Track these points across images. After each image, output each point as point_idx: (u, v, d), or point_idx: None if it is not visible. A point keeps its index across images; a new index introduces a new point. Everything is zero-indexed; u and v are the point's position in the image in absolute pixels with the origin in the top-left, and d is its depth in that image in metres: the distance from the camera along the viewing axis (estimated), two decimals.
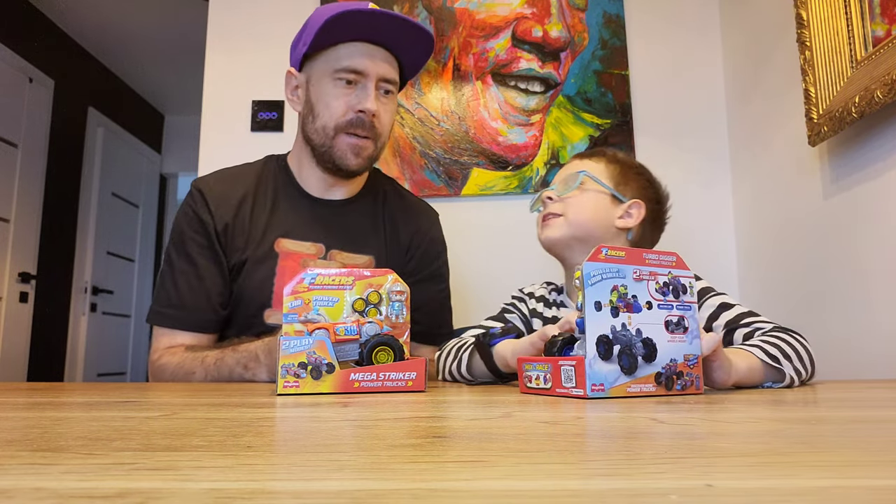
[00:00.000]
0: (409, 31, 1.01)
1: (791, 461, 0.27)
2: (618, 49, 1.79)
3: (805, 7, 1.28)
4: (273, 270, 1.01)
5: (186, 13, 3.09)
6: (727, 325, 0.80)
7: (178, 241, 1.03)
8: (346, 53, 1.00)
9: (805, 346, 0.73)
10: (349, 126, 1.00)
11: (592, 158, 1.00)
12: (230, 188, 1.06)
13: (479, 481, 0.23)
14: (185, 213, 1.05)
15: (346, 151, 1.02)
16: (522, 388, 0.65)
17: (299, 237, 1.04)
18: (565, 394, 0.57)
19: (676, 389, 0.58)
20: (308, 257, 1.03)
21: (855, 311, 1.20)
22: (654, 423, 0.39)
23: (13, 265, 2.89)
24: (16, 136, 2.92)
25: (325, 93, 1.01)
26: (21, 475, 0.24)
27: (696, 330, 0.60)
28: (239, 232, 1.03)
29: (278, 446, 0.32)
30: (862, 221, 1.18)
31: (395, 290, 0.69)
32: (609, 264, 0.58)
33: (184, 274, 1.01)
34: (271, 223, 1.04)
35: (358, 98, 1.00)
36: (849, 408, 0.51)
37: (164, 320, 1.00)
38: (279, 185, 1.09)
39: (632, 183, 0.97)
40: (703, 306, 0.84)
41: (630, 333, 0.57)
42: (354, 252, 1.06)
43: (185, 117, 4.40)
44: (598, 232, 0.94)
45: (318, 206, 1.08)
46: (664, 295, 0.59)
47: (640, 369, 0.56)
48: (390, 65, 1.03)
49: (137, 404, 0.52)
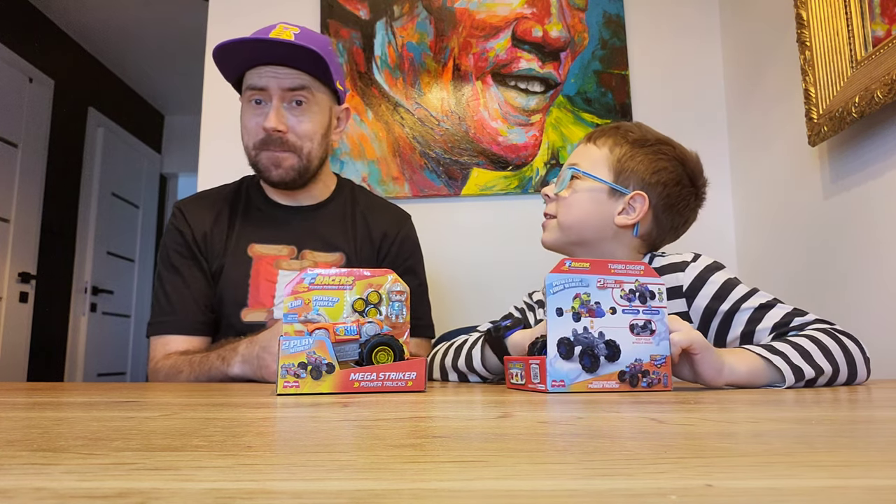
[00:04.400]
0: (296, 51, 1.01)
1: (791, 461, 0.27)
2: (618, 49, 1.79)
3: (805, 7, 1.28)
4: (248, 273, 1.08)
5: (186, 13, 3.09)
6: (775, 330, 0.74)
7: (164, 256, 1.11)
8: (249, 76, 1.05)
9: (843, 344, 0.69)
10: (262, 144, 1.07)
11: (599, 140, 0.91)
12: (208, 202, 1.16)
13: (479, 481, 0.23)
14: (168, 232, 1.13)
15: (269, 165, 1.08)
16: (508, 384, 0.73)
17: (271, 241, 1.11)
18: (534, 389, 0.65)
19: (642, 387, 0.64)
20: (281, 259, 1.09)
21: (855, 310, 1.20)
22: (654, 423, 0.39)
23: (13, 265, 2.89)
24: (16, 136, 2.92)
25: (244, 114, 1.08)
26: (21, 475, 0.24)
27: (665, 332, 0.65)
28: (217, 239, 1.11)
29: (278, 446, 0.32)
30: (862, 221, 1.18)
31: (395, 290, 0.69)
32: (571, 275, 0.65)
33: (171, 284, 1.08)
34: (244, 230, 1.12)
35: (265, 116, 1.05)
36: (848, 408, 0.51)
37: (158, 329, 1.06)
38: (252, 198, 1.17)
39: (639, 167, 0.87)
40: (739, 308, 0.77)
41: (592, 336, 0.64)
42: (326, 251, 1.11)
43: (185, 117, 4.40)
44: (593, 233, 0.89)
45: (288, 213, 1.15)
46: (630, 301, 0.65)
47: (603, 368, 0.63)
48: (293, 76, 1.04)
49: (137, 404, 0.52)
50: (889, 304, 1.11)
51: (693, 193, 0.90)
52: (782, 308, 0.76)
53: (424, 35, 1.82)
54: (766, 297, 0.77)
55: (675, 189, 0.88)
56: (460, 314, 1.62)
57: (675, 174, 0.88)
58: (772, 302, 0.77)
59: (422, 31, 1.82)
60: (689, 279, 0.81)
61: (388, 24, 1.83)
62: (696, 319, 0.81)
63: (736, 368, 0.66)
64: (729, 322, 0.78)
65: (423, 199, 1.77)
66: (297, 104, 1.06)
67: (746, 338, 0.76)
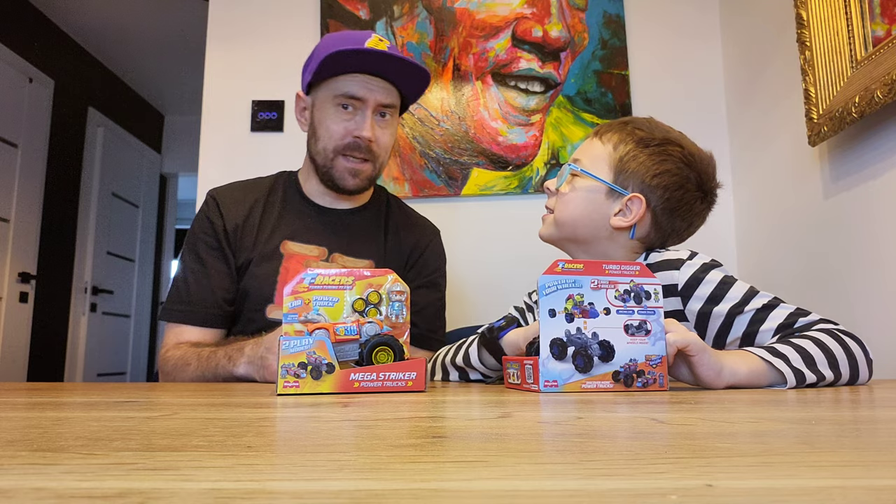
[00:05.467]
0: (405, 68, 1.07)
1: (791, 461, 0.27)
2: (618, 49, 1.79)
3: (805, 7, 1.28)
4: (277, 269, 1.08)
5: (186, 13, 3.09)
6: (780, 331, 0.73)
7: (190, 242, 1.11)
8: (345, 82, 1.07)
9: (847, 346, 0.68)
10: (346, 149, 1.08)
11: (605, 136, 0.88)
12: (242, 195, 1.15)
13: (479, 481, 0.23)
14: (198, 219, 1.13)
15: (345, 173, 1.10)
16: (506, 384, 0.73)
17: (304, 240, 1.11)
18: (528, 389, 0.65)
19: (637, 387, 0.64)
20: (311, 259, 1.10)
21: (855, 310, 1.20)
22: (654, 423, 0.39)
23: (13, 265, 2.89)
24: (16, 136, 2.92)
25: (327, 117, 1.08)
26: (21, 475, 0.24)
27: (661, 333, 0.65)
28: (248, 233, 1.10)
29: (278, 446, 0.32)
30: (862, 221, 1.18)
31: (395, 291, 0.69)
32: (564, 276, 0.65)
33: (193, 272, 1.08)
34: (278, 226, 1.11)
35: (356, 124, 1.07)
36: (849, 408, 0.51)
37: (172, 315, 1.06)
38: (288, 195, 1.17)
39: (640, 169, 0.83)
40: (742, 310, 0.75)
41: (585, 336, 0.63)
42: (355, 257, 1.13)
43: (185, 117, 4.40)
44: (587, 232, 0.87)
45: (324, 214, 1.15)
46: (624, 301, 0.65)
47: (597, 368, 0.63)
48: (388, 91, 1.09)
49: (137, 404, 0.52)
50: (889, 304, 1.11)
51: (699, 197, 0.86)
52: (785, 308, 0.74)
53: (424, 35, 1.82)
54: (766, 297, 0.76)
55: (678, 193, 0.84)
56: (460, 314, 1.62)
57: (678, 177, 0.84)
58: (773, 302, 0.75)
59: (422, 31, 1.82)
60: (685, 278, 0.79)
61: (388, 24, 1.83)
62: (691, 319, 0.79)
63: (736, 370, 0.65)
64: (730, 323, 0.76)
65: (423, 199, 1.77)
66: (382, 116, 1.10)
67: (749, 339, 0.75)
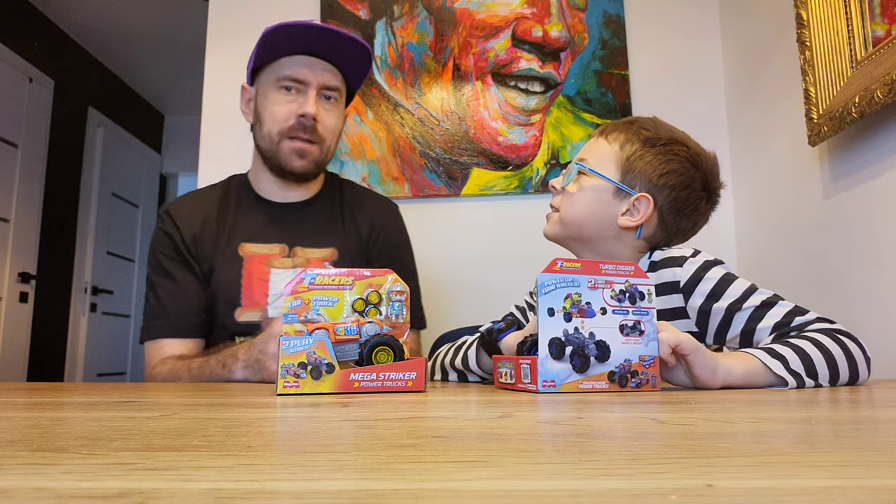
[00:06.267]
0: (345, 44, 1.07)
1: (791, 461, 0.27)
2: (618, 49, 1.79)
3: (805, 7, 1.28)
4: (240, 273, 1.08)
5: (186, 13, 3.09)
6: (776, 329, 0.72)
7: (153, 261, 1.11)
8: (287, 63, 1.07)
9: (845, 346, 0.68)
10: (292, 130, 1.07)
11: (611, 136, 0.88)
12: (194, 205, 1.15)
13: (479, 481, 0.23)
14: (156, 236, 1.13)
15: (291, 155, 1.09)
16: (496, 384, 0.72)
17: (262, 240, 1.11)
18: (524, 388, 0.65)
19: (631, 387, 0.64)
20: (272, 258, 1.09)
21: (855, 310, 1.20)
22: (654, 423, 0.39)
23: (13, 265, 2.89)
24: (16, 136, 2.92)
25: (270, 101, 1.08)
26: (21, 475, 0.24)
27: (654, 333, 0.65)
28: (207, 240, 1.10)
29: (278, 446, 0.32)
30: (862, 221, 1.18)
31: (395, 290, 0.69)
32: (563, 275, 0.65)
33: (163, 288, 1.08)
34: (235, 230, 1.11)
35: (299, 104, 1.06)
36: (849, 408, 0.51)
37: (151, 333, 1.06)
38: (241, 197, 1.16)
39: (647, 168, 0.84)
40: (740, 307, 0.75)
41: (583, 336, 0.64)
42: (317, 247, 1.12)
43: (185, 117, 4.40)
44: (594, 231, 0.87)
45: (278, 210, 1.15)
46: (620, 301, 0.65)
47: (593, 368, 0.63)
48: (331, 73, 1.09)
49: (137, 404, 0.52)
50: (889, 304, 1.11)
51: (704, 197, 0.87)
52: (783, 306, 0.74)
53: (424, 35, 1.82)
54: (766, 295, 0.76)
55: (684, 192, 0.84)
56: (460, 314, 1.62)
57: (685, 177, 0.84)
58: (772, 300, 0.75)
59: (422, 31, 1.82)
60: (687, 274, 0.80)
61: (388, 24, 1.83)
62: (692, 316, 0.80)
63: (732, 370, 0.65)
64: (729, 320, 0.76)
65: (423, 199, 1.77)
66: (327, 99, 1.09)
67: (747, 336, 0.75)
